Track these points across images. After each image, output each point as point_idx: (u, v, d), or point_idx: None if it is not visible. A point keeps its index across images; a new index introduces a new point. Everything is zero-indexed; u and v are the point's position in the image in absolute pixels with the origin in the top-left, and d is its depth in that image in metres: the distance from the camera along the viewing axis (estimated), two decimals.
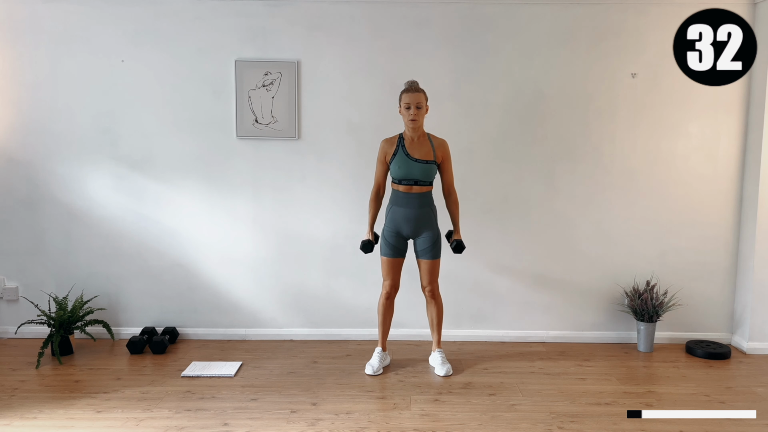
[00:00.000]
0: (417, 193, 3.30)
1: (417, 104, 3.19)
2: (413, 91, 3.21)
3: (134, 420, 2.81)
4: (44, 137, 3.85)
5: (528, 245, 3.96)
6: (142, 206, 3.92)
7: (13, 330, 3.95)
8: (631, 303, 3.85)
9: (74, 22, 3.78)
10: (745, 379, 3.39)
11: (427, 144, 3.29)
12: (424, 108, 3.23)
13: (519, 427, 2.77)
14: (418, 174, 3.26)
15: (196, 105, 3.85)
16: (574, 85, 3.83)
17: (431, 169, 3.29)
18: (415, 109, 3.19)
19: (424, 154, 3.27)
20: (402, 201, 3.31)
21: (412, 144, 3.28)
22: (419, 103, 3.20)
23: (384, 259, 3.39)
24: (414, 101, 3.19)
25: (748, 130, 3.82)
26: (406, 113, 3.23)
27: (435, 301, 3.44)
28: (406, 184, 3.29)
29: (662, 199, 3.90)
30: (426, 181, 3.30)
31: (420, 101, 3.20)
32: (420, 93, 3.22)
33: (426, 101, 3.26)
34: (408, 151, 3.26)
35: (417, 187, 3.29)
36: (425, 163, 3.26)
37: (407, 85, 3.27)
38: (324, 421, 2.81)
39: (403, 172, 3.26)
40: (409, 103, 3.19)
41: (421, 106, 3.21)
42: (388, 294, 3.42)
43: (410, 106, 3.19)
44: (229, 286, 3.99)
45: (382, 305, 3.44)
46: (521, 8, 3.78)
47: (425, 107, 3.25)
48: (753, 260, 3.77)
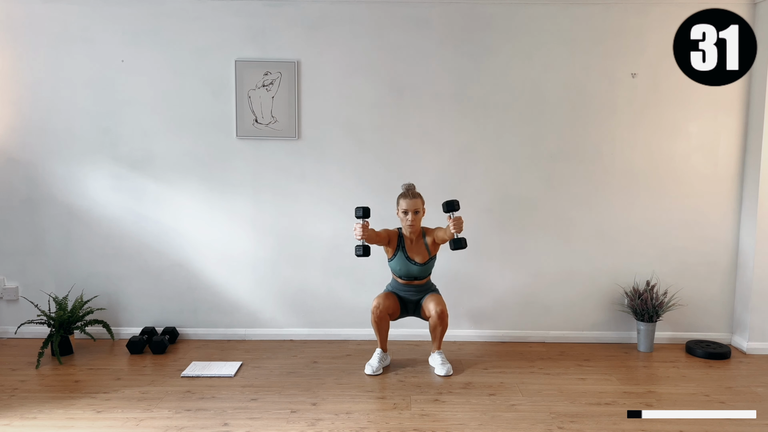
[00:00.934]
0: (417, 285, 3.48)
1: (414, 210, 3.32)
2: (411, 197, 3.32)
3: (134, 420, 2.81)
4: (44, 137, 3.85)
5: (528, 245, 3.96)
6: (141, 206, 3.92)
7: (13, 330, 3.95)
8: (631, 303, 3.85)
9: (74, 22, 3.78)
10: (745, 379, 3.39)
11: (422, 245, 3.41)
12: (421, 213, 3.36)
13: (519, 427, 2.77)
14: (417, 273, 3.43)
15: (196, 105, 3.85)
16: (574, 85, 3.83)
17: (429, 266, 3.46)
18: (412, 215, 3.32)
19: (422, 256, 3.41)
20: (402, 288, 3.50)
21: (411, 246, 3.41)
22: (416, 209, 3.32)
23: (383, 294, 3.44)
24: (411, 208, 3.31)
25: (748, 130, 3.82)
26: (403, 218, 3.35)
27: (441, 323, 3.39)
28: (406, 279, 3.46)
29: (662, 199, 3.90)
30: (424, 276, 3.47)
31: (417, 207, 3.33)
32: (417, 199, 3.33)
33: (423, 205, 3.36)
34: (408, 254, 3.40)
35: (417, 281, 3.47)
36: (423, 265, 3.41)
37: (404, 189, 3.38)
38: (324, 421, 2.81)
39: (404, 272, 3.43)
40: (407, 209, 3.32)
41: (418, 212, 3.34)
42: (378, 312, 3.37)
43: (408, 212, 3.31)
44: (229, 286, 3.99)
45: (374, 322, 3.42)
46: (521, 8, 3.78)
47: (422, 211, 3.36)
48: (753, 260, 3.77)
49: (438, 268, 3.70)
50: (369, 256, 3.22)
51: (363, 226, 3.18)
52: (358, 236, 3.18)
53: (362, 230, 3.17)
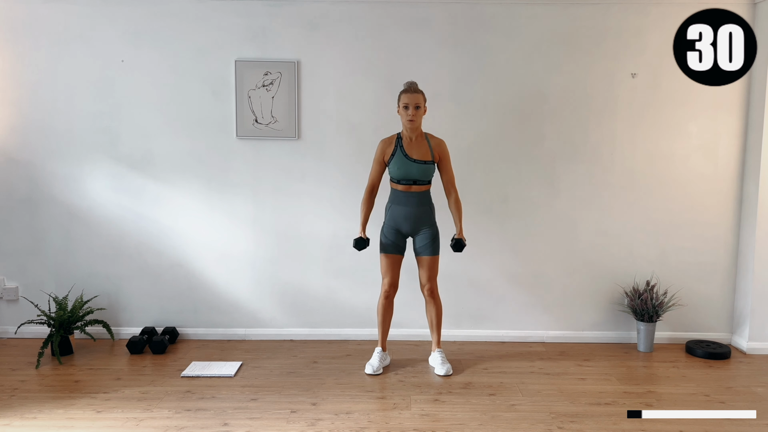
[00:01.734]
0: (416, 191, 3.33)
1: (415, 104, 3.22)
2: (412, 92, 3.24)
3: (134, 420, 2.81)
4: (44, 137, 3.85)
5: (528, 245, 3.96)
6: (142, 206, 3.92)
7: (13, 330, 3.95)
8: (631, 303, 3.85)
9: (74, 22, 3.78)
10: (745, 379, 3.39)
11: (424, 144, 3.32)
12: (422, 108, 3.26)
13: (519, 427, 2.77)
14: (417, 174, 3.29)
15: (196, 105, 3.85)
16: (574, 85, 3.83)
17: (429, 169, 3.32)
18: (413, 110, 3.22)
19: (422, 154, 3.29)
20: (401, 200, 3.34)
21: (410, 144, 3.30)
22: (417, 103, 3.23)
23: (383, 256, 3.39)
24: (412, 101, 3.22)
25: (748, 130, 3.82)
26: (404, 113, 3.25)
27: (434, 301, 3.43)
28: (404, 183, 3.32)
29: (662, 199, 3.90)
30: (424, 181, 3.33)
31: (418, 101, 3.23)
32: (419, 94, 3.25)
33: (424, 102, 3.28)
34: (406, 151, 3.29)
35: (416, 186, 3.32)
36: (423, 163, 3.29)
37: (406, 86, 3.30)
38: (324, 421, 2.81)
39: (402, 172, 3.29)
40: (408, 103, 3.22)
41: (420, 107, 3.24)
42: (387, 293, 3.42)
43: (408, 106, 3.23)
44: (229, 286, 3.99)
45: (381, 305, 3.44)
46: (521, 8, 3.78)
47: (423, 108, 3.28)
48: (753, 260, 3.77)
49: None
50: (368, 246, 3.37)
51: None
52: None
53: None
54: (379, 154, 3.36)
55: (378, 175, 3.40)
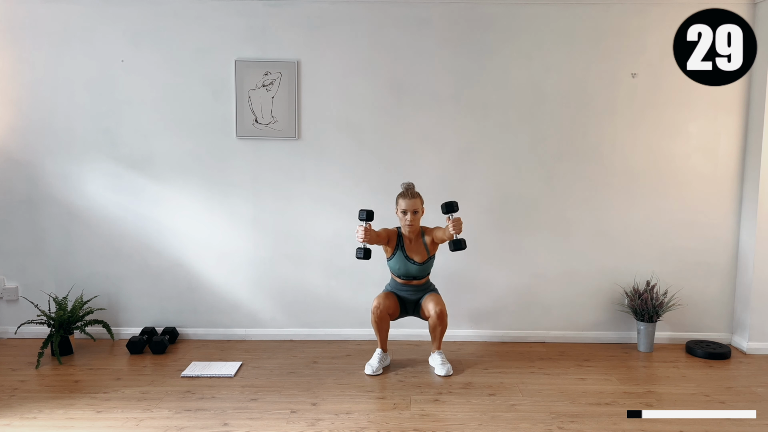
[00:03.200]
0: (415, 285, 3.49)
1: (413, 210, 3.32)
2: (410, 197, 3.32)
3: (134, 420, 2.81)
4: (44, 137, 3.85)
5: (528, 245, 3.96)
6: (141, 206, 3.92)
7: (13, 330, 3.95)
8: (631, 303, 3.85)
9: (74, 22, 3.78)
10: (745, 379, 3.39)
11: (421, 244, 3.41)
12: (420, 213, 3.36)
13: (519, 427, 2.77)
14: (416, 272, 3.43)
15: (196, 105, 3.85)
16: (574, 85, 3.83)
17: (428, 266, 3.47)
18: (411, 215, 3.32)
19: (421, 255, 3.41)
20: (401, 288, 3.50)
21: (410, 246, 3.41)
22: (415, 209, 3.33)
23: (383, 294, 3.44)
24: (411, 208, 3.31)
25: (748, 130, 3.82)
26: (402, 217, 3.35)
27: (441, 323, 3.38)
28: (405, 279, 3.46)
29: (662, 199, 3.90)
30: (423, 276, 3.47)
31: (416, 207, 3.33)
32: (416, 199, 3.34)
33: (422, 205, 3.37)
34: (407, 253, 3.40)
35: (416, 281, 3.47)
36: (422, 264, 3.41)
37: (404, 189, 3.38)
38: (324, 421, 2.81)
39: (403, 271, 3.43)
40: (406, 209, 3.32)
41: (417, 212, 3.35)
42: (379, 311, 3.37)
43: (407, 212, 3.32)
44: (229, 286, 3.99)
45: (374, 322, 3.42)
46: (521, 8, 3.78)
47: (421, 211, 3.37)
48: (753, 260, 3.77)
49: (437, 268, 3.70)
50: (369, 259, 3.27)
51: (365, 229, 3.19)
52: (360, 239, 3.18)
53: (364, 233, 3.17)
54: (384, 235, 3.36)
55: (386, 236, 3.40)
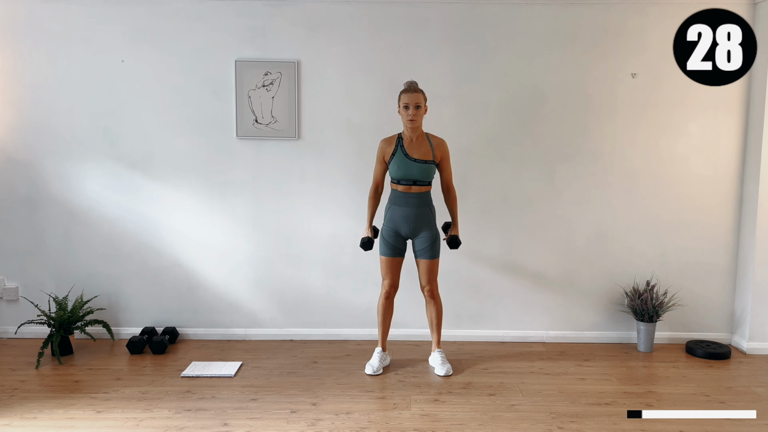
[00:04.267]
0: (416, 192, 3.31)
1: (416, 104, 3.21)
2: (412, 91, 3.23)
3: (134, 420, 2.81)
4: (44, 137, 3.85)
5: (528, 245, 3.96)
6: (141, 206, 3.92)
7: (13, 330, 3.95)
8: (631, 303, 3.85)
9: (74, 22, 3.78)
10: (745, 379, 3.39)
11: (425, 144, 3.30)
12: (422, 108, 3.25)
13: (519, 427, 2.77)
14: (417, 174, 3.27)
15: (196, 105, 3.85)
16: (574, 85, 3.83)
17: (430, 169, 3.30)
18: (413, 109, 3.21)
19: (423, 153, 3.28)
20: (401, 200, 3.33)
21: (411, 144, 3.29)
22: (418, 103, 3.22)
23: (383, 259, 3.39)
24: (413, 101, 3.20)
25: (748, 130, 3.82)
26: (404, 113, 3.24)
27: (434, 301, 3.44)
28: (405, 183, 3.30)
29: (662, 199, 3.90)
30: (425, 181, 3.31)
31: (419, 101, 3.22)
32: (419, 93, 3.23)
33: (425, 101, 3.28)
34: (407, 151, 3.28)
35: (416, 186, 3.30)
36: (424, 163, 3.28)
37: (406, 86, 3.29)
38: (324, 421, 2.81)
39: (402, 172, 3.27)
40: (408, 103, 3.21)
41: (420, 106, 3.23)
42: (388, 294, 3.42)
43: (409, 106, 3.21)
44: (229, 286, 3.99)
45: (381, 305, 3.44)
46: (521, 8, 3.78)
47: (424, 107, 3.27)
48: (753, 260, 3.77)
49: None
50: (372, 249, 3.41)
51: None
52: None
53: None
54: (380, 154, 3.36)
55: (381, 174, 3.41)
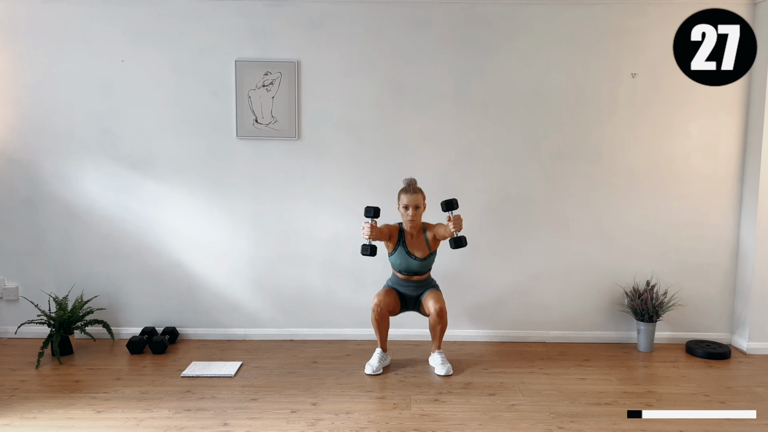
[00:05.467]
0: (416, 280, 3.48)
1: (415, 206, 3.32)
2: (412, 192, 3.33)
3: (134, 420, 2.81)
4: (44, 137, 3.85)
5: (528, 245, 3.96)
6: (141, 206, 3.92)
7: (13, 330, 3.95)
8: (631, 303, 3.85)
9: (74, 22, 3.78)
10: (745, 379, 3.39)
11: (423, 239, 3.41)
12: (421, 208, 3.36)
13: (519, 427, 2.77)
14: (417, 268, 3.43)
15: (196, 105, 3.85)
16: (574, 85, 3.83)
17: (430, 261, 3.46)
18: (413, 210, 3.32)
19: (422, 251, 3.41)
20: (402, 284, 3.50)
21: (412, 241, 3.41)
22: (417, 204, 3.33)
23: (385, 290, 3.45)
24: (412, 203, 3.31)
25: (748, 130, 3.82)
26: (404, 213, 3.35)
27: (441, 320, 3.39)
28: (406, 274, 3.46)
29: (662, 199, 3.90)
30: (424, 272, 3.46)
31: (418, 202, 3.33)
32: (418, 194, 3.34)
33: (424, 200, 3.37)
34: (409, 249, 3.39)
35: (417, 276, 3.47)
36: (423, 260, 3.41)
37: (405, 184, 3.37)
38: (324, 421, 2.81)
39: (404, 266, 3.43)
40: (408, 205, 3.32)
41: (419, 207, 3.35)
42: (379, 309, 3.37)
43: (408, 207, 3.32)
44: (229, 286, 3.99)
45: (374, 320, 3.42)
46: (521, 8, 3.78)
47: (423, 206, 3.37)
48: (753, 260, 3.77)
49: (438, 267, 3.70)
50: (375, 255, 3.25)
51: (371, 225, 3.20)
52: (365, 235, 3.19)
53: (370, 230, 3.19)
54: (386, 231, 3.36)
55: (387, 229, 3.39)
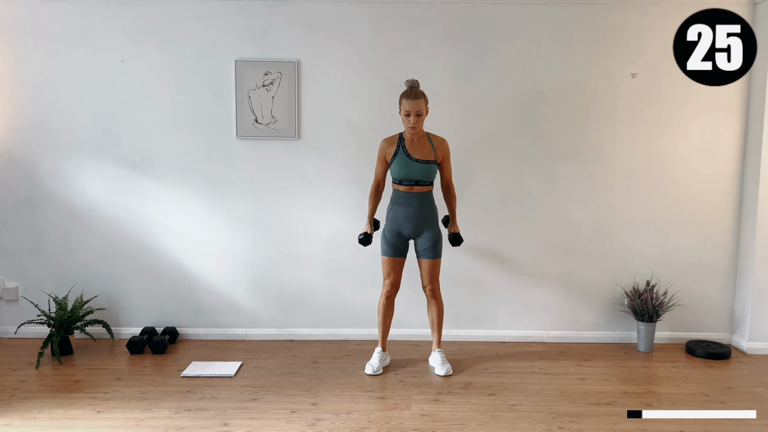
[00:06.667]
0: (418, 192, 3.31)
1: (417, 112, 3.17)
2: (413, 98, 3.16)
3: (134, 420, 2.81)
4: (44, 137, 3.85)
5: (528, 245, 3.96)
6: (141, 206, 3.92)
7: (13, 330, 3.95)
8: (631, 303, 3.85)
9: (74, 22, 3.78)
10: (745, 379, 3.39)
11: (427, 144, 3.29)
12: (424, 114, 3.22)
13: (519, 427, 2.77)
14: (419, 174, 3.27)
15: (196, 105, 3.85)
16: (574, 85, 3.83)
17: (432, 169, 3.30)
18: (414, 117, 3.17)
19: (424, 154, 3.27)
20: (403, 201, 3.32)
21: (413, 144, 3.28)
22: (419, 110, 3.17)
23: (384, 259, 3.39)
24: (414, 109, 3.16)
25: (748, 130, 3.82)
26: (405, 120, 3.21)
27: (435, 301, 3.44)
28: (407, 184, 3.29)
29: (662, 199, 3.90)
30: (427, 181, 3.31)
31: (420, 109, 3.17)
32: (420, 100, 3.17)
33: (426, 105, 3.23)
34: (409, 152, 3.27)
35: (418, 187, 3.30)
36: (426, 164, 3.27)
37: (408, 86, 3.24)
38: (324, 421, 2.81)
39: (404, 172, 3.27)
40: (409, 111, 3.17)
41: (421, 113, 3.19)
42: (389, 293, 3.42)
43: (410, 114, 3.18)
44: (229, 286, 3.99)
45: (382, 305, 3.44)
46: (521, 8, 3.78)
47: (425, 112, 3.23)
48: (753, 260, 3.77)
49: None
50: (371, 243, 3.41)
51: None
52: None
53: None
54: (381, 154, 3.35)
55: (383, 173, 3.41)
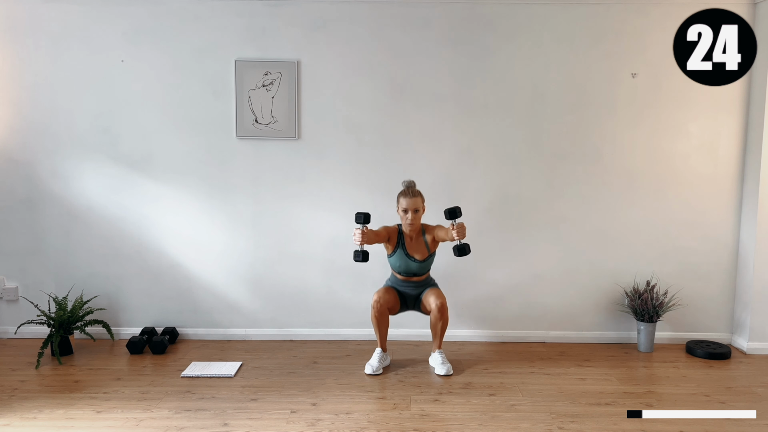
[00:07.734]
0: (415, 281, 3.50)
1: (414, 209, 3.32)
2: (411, 196, 3.32)
3: (134, 420, 2.81)
4: (44, 137, 3.85)
5: (528, 245, 3.96)
6: (141, 206, 3.92)
7: (13, 330, 3.95)
8: (631, 303, 3.85)
9: (74, 22, 3.78)
10: (745, 379, 3.39)
11: (422, 241, 3.42)
12: (421, 211, 3.36)
13: (519, 427, 2.77)
14: (416, 270, 3.44)
15: (196, 105, 3.85)
16: (574, 85, 3.83)
17: (429, 263, 3.47)
18: (412, 214, 3.33)
19: (421, 253, 3.42)
20: (401, 284, 3.51)
21: (411, 243, 3.42)
22: (416, 208, 3.33)
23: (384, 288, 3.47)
24: (411, 207, 3.32)
25: (748, 130, 3.82)
26: (404, 217, 3.35)
27: (442, 317, 3.38)
28: (405, 275, 3.47)
29: (662, 199, 3.90)
30: (423, 273, 3.49)
31: (417, 206, 3.33)
32: (417, 198, 3.33)
33: (423, 203, 3.37)
34: (408, 251, 3.40)
35: (416, 277, 3.49)
36: (422, 262, 3.42)
37: (404, 187, 3.38)
38: (324, 421, 2.81)
39: (404, 268, 3.44)
40: (407, 208, 3.32)
41: (418, 210, 3.35)
42: (379, 305, 3.36)
43: (408, 211, 3.32)
44: (229, 286, 3.99)
45: (374, 317, 3.41)
46: (521, 8, 3.78)
47: (422, 209, 3.37)
48: (753, 260, 3.77)
49: (438, 267, 3.70)
50: (367, 261, 3.28)
51: (362, 232, 3.20)
52: (357, 242, 3.19)
53: (361, 236, 3.19)
54: (384, 233, 3.37)
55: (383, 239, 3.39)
